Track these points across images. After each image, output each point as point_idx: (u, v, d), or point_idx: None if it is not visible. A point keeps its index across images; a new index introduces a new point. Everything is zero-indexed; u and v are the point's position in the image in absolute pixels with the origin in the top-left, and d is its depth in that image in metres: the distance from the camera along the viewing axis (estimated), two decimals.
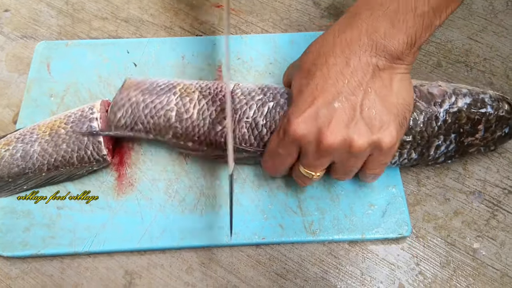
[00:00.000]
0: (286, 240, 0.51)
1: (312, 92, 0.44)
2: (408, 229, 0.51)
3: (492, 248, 0.52)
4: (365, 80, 0.43)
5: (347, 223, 0.52)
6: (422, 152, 0.51)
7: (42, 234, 0.51)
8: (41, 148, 0.52)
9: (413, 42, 0.44)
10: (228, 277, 0.51)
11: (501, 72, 0.62)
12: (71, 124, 0.52)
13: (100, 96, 0.59)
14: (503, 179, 0.56)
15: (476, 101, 0.51)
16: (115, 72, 0.61)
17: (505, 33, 0.66)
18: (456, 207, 0.54)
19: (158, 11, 0.68)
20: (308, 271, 0.51)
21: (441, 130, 0.50)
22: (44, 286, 0.50)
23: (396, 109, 0.44)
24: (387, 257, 0.51)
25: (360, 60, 0.43)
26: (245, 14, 0.67)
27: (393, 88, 0.44)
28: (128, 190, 0.54)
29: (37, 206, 0.52)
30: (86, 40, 0.64)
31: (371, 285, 0.50)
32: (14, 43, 0.65)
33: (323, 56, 0.45)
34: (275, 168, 0.49)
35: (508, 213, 0.54)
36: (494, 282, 0.50)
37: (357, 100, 0.43)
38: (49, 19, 0.67)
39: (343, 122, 0.43)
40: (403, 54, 0.44)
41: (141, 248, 0.51)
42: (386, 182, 0.54)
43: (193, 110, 0.51)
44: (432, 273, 0.51)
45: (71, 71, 0.61)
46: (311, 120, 0.43)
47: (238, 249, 0.52)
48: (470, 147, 0.52)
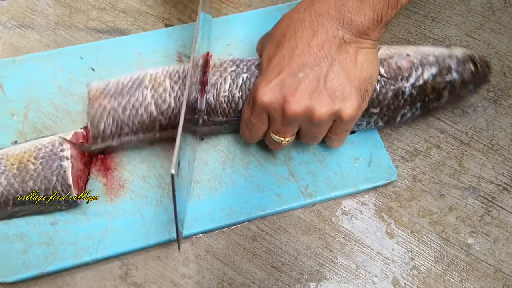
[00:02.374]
0: (287, 207, 0.53)
1: (280, 62, 0.46)
2: (394, 173, 0.55)
3: (486, 244, 0.52)
4: (330, 53, 0.45)
5: (339, 179, 0.54)
6: (389, 120, 0.54)
7: (42, 252, 0.50)
8: (7, 182, 0.49)
9: (379, 19, 0.45)
10: (224, 269, 0.51)
11: (498, 70, 0.63)
12: (40, 160, 0.50)
13: (64, 106, 0.58)
14: (498, 176, 0.56)
15: (442, 69, 0.53)
16: (73, 81, 0.59)
17: (502, 31, 0.66)
18: (451, 202, 0.55)
19: (156, 2, 0.67)
20: (303, 264, 0.51)
21: (407, 102, 0.52)
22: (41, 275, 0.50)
23: (358, 82, 0.46)
24: (382, 252, 0.52)
25: (327, 33, 0.45)
26: (243, 6, 0.67)
27: (358, 61, 0.46)
28: (120, 192, 0.53)
29: (30, 226, 0.51)
30: (35, 54, 0.61)
31: (366, 278, 0.51)
32: (11, 32, 0.64)
33: (292, 28, 0.47)
34: (251, 136, 0.52)
35: (502, 209, 0.54)
36: (487, 277, 0.51)
37: (322, 71, 0.45)
38: (47, 9, 0.67)
39: (307, 91, 0.45)
40: (369, 29, 0.45)
41: (148, 244, 0.51)
42: (364, 136, 0.57)
43: (170, 98, 0.51)
44: (426, 268, 0.51)
45: (27, 86, 0.59)
46: (277, 89, 0.45)
47: (234, 242, 0.52)
48: (435, 109, 0.55)
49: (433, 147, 0.58)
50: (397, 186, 0.55)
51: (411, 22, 0.67)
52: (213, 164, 0.55)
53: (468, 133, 0.59)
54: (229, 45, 0.62)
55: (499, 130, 0.59)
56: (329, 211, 0.54)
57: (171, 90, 0.51)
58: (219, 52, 0.62)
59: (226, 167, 0.55)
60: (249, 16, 0.65)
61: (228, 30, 0.64)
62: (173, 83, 0.52)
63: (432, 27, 0.66)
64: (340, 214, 0.54)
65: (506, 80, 0.62)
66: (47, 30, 0.65)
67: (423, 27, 0.66)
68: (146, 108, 0.51)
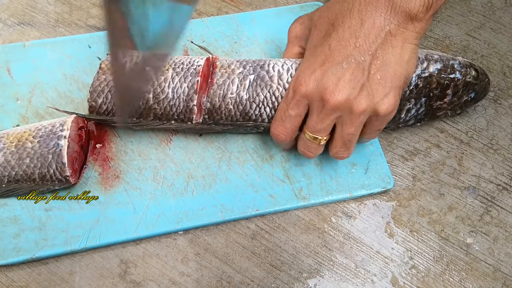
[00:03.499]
0: (279, 208, 0.53)
1: (324, 52, 0.46)
2: (390, 182, 0.54)
3: (485, 244, 0.52)
4: (375, 45, 0.45)
5: (334, 184, 0.54)
6: (394, 115, 0.52)
7: (34, 237, 0.50)
8: (4, 159, 0.50)
9: (429, 5, 0.44)
10: (223, 267, 0.51)
11: (498, 69, 0.63)
12: (38, 139, 0.51)
13: (68, 93, 0.58)
14: (497, 175, 0.56)
15: (446, 66, 0.53)
16: (80, 69, 0.60)
17: (503, 30, 0.66)
18: (450, 202, 0.54)
19: None
20: (302, 263, 0.51)
21: (413, 94, 0.52)
22: (39, 273, 0.50)
23: (398, 79, 0.46)
24: (381, 251, 0.52)
25: (374, 24, 0.45)
26: (244, 5, 0.67)
27: (401, 57, 0.46)
28: (115, 183, 0.53)
29: (24, 211, 0.51)
30: (44, 40, 0.62)
31: (365, 277, 0.51)
32: (11, 29, 0.64)
33: (340, 17, 0.46)
34: (286, 131, 0.50)
35: (501, 209, 0.54)
36: (486, 277, 0.51)
37: (365, 64, 0.45)
38: (47, 6, 0.66)
39: (349, 82, 0.45)
40: (417, 17, 0.44)
41: (138, 237, 0.51)
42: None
43: (168, 89, 0.52)
44: (425, 267, 0.51)
45: (34, 72, 0.59)
46: (320, 78, 0.45)
47: (233, 240, 0.52)
48: (438, 110, 0.55)
49: (433, 146, 0.58)
50: (396, 185, 0.55)
51: None
52: (209, 160, 0.55)
53: (468, 133, 0.59)
54: (236, 43, 0.63)
55: (499, 129, 0.59)
56: (329, 210, 0.54)
57: (171, 81, 0.52)
58: (226, 49, 0.62)
59: (222, 165, 0.55)
60: (258, 15, 0.65)
61: (236, 28, 0.64)
62: (175, 74, 0.52)
63: (432, 27, 0.66)
64: (339, 213, 0.54)
65: (506, 79, 0.62)
66: (47, 28, 0.65)
67: None
68: (143, 95, 0.52)
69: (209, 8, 0.67)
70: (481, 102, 0.60)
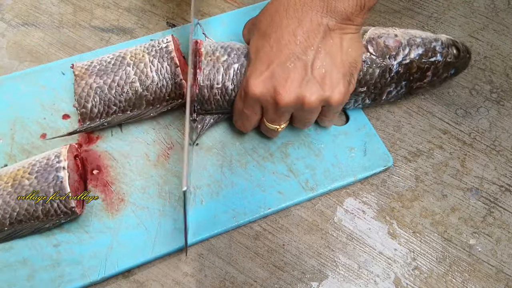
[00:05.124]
0: (290, 203, 0.53)
1: (268, 54, 0.47)
2: (390, 160, 0.56)
3: (488, 245, 0.52)
4: (316, 41, 0.46)
5: (337, 170, 0.55)
6: (375, 98, 0.56)
7: (48, 276, 0.48)
8: (2, 201, 0.48)
9: (362, 5, 0.46)
10: (227, 268, 0.51)
11: (501, 71, 0.63)
12: (35, 174, 0.48)
13: (51, 124, 0.56)
14: (500, 177, 0.56)
15: (428, 50, 0.55)
16: (57, 97, 0.58)
17: (506, 32, 0.66)
18: (453, 203, 0.55)
19: (160, 2, 0.68)
20: (305, 264, 0.51)
21: (393, 80, 0.55)
22: None
23: (344, 68, 0.47)
24: (384, 252, 0.52)
25: (312, 21, 0.46)
26: (245, 6, 0.67)
27: (343, 47, 0.47)
28: (121, 206, 0.52)
29: (32, 251, 0.49)
30: (13, 74, 0.59)
31: (368, 278, 0.51)
32: (15, 30, 0.65)
33: (277, 18, 0.48)
34: (245, 126, 0.54)
35: (504, 210, 0.54)
36: (489, 278, 0.51)
37: (309, 60, 0.46)
38: (51, 7, 0.67)
39: (296, 81, 0.46)
40: (353, 15, 0.46)
41: (157, 256, 0.50)
42: (356, 125, 0.58)
43: (152, 73, 0.53)
44: (428, 268, 0.51)
45: (9, 108, 0.57)
46: (267, 81, 0.47)
47: (236, 241, 0.52)
48: (418, 89, 0.57)
49: (435, 147, 0.58)
50: (399, 186, 0.55)
51: (414, 23, 0.67)
52: (211, 168, 0.55)
53: (471, 134, 0.59)
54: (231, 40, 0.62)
55: (502, 131, 0.59)
56: (331, 211, 0.54)
57: (151, 65, 0.53)
58: None
59: (224, 170, 0.54)
60: (248, 10, 0.65)
61: (227, 26, 0.64)
62: (152, 57, 0.53)
63: (435, 28, 0.66)
64: (342, 214, 0.54)
65: (509, 81, 0.62)
66: (51, 29, 0.65)
67: (426, 28, 0.66)
68: (131, 85, 0.52)
69: (212, 8, 0.67)
70: (484, 104, 0.60)
